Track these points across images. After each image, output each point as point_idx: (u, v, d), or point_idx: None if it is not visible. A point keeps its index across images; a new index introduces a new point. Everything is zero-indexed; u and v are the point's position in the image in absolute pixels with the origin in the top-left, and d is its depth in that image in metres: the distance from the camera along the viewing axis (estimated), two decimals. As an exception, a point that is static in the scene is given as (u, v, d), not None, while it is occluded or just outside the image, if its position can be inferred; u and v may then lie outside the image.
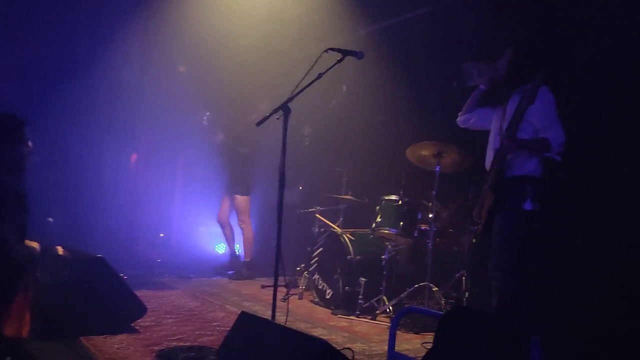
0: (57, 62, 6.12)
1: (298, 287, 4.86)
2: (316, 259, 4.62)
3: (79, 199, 6.00)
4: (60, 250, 3.00)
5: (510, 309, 2.79)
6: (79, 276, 3.02)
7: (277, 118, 3.01)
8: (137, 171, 6.97)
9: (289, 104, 2.97)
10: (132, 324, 3.25)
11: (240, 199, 5.61)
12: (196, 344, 3.01)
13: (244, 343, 2.50)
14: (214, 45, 6.45)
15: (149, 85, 6.84)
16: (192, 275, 5.43)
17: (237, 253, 5.81)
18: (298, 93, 3.01)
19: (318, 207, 5.07)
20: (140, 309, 3.22)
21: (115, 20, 6.55)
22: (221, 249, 7.66)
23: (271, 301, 2.92)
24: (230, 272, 5.59)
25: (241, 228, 5.69)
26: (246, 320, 2.60)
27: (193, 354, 2.76)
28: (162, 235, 7.57)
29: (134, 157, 6.89)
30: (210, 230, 7.08)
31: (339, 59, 3.04)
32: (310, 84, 2.99)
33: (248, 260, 5.63)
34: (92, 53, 6.34)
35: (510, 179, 2.93)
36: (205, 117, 5.77)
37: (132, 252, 6.44)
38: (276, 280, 2.92)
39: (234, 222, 5.79)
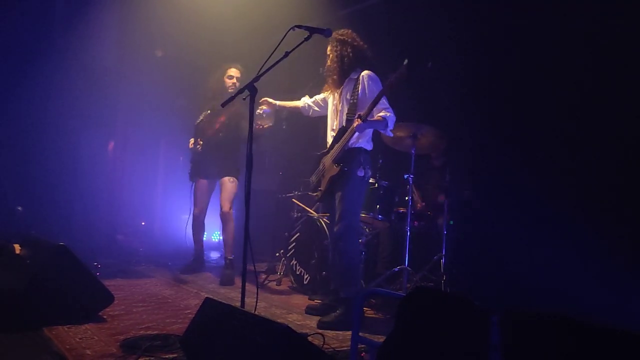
0: (32, 47, 5.96)
1: (277, 272, 4.80)
2: (294, 244, 4.55)
3: (55, 188, 5.87)
4: (17, 248, 2.90)
5: (354, 268, 3.36)
6: (41, 266, 2.92)
7: (244, 99, 2.92)
8: (116, 159, 6.84)
9: (256, 84, 2.88)
10: (100, 313, 3.16)
11: (234, 183, 4.79)
12: (164, 332, 2.93)
13: (207, 329, 2.43)
14: (192, 28, 6.31)
15: (126, 70, 6.69)
16: (169, 263, 5.34)
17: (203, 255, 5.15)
18: (264, 72, 2.92)
19: (296, 192, 4.99)
20: (107, 298, 3.13)
21: (90, 3, 6.37)
22: (215, 237, 7.59)
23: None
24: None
25: (226, 220, 4.75)
26: (210, 306, 2.52)
27: (158, 342, 2.67)
28: (143, 223, 7.49)
29: (111, 145, 6.76)
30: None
31: (306, 36, 2.96)
32: (276, 62, 2.89)
33: (232, 258, 4.76)
34: (68, 38, 6.17)
35: (349, 150, 3.38)
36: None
37: (112, 241, 6.35)
38: (244, 266, 2.85)
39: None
